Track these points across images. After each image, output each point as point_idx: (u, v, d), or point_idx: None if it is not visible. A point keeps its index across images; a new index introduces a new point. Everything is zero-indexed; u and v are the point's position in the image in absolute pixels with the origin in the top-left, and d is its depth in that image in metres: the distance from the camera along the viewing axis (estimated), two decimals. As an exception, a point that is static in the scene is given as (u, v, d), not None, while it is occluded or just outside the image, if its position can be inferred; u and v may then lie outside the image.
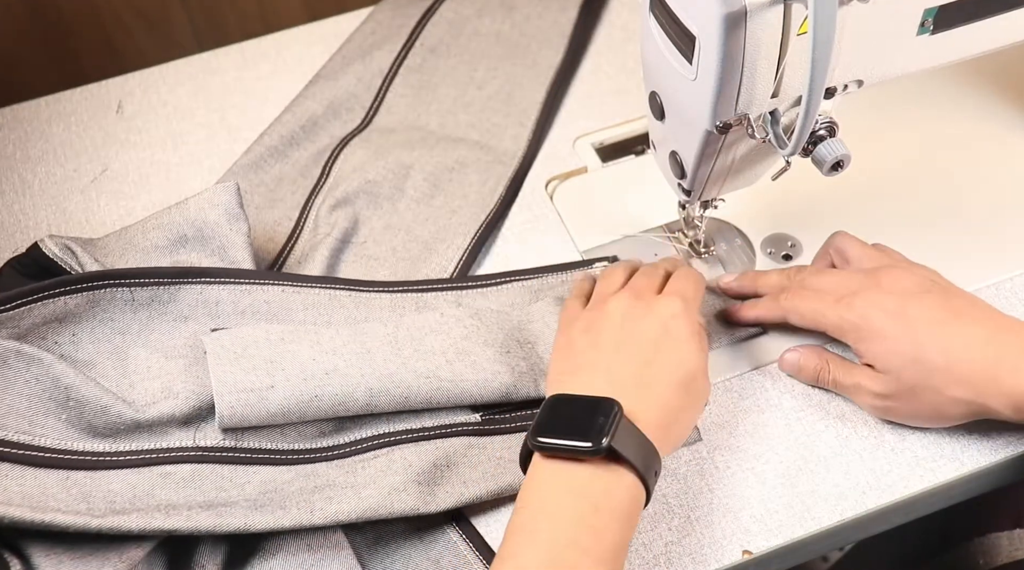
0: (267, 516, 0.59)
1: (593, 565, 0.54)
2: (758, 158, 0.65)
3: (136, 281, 0.67)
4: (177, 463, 0.62)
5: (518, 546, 0.55)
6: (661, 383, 0.60)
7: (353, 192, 0.78)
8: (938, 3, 0.56)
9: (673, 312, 0.62)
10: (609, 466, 0.56)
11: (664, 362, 0.60)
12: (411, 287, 0.73)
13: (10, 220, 0.81)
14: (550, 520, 0.55)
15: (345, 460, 0.64)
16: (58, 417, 0.62)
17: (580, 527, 0.54)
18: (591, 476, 0.56)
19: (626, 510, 0.56)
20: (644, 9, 0.59)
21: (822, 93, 0.51)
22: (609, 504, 0.55)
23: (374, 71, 0.88)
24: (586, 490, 0.55)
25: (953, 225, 0.76)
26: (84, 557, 0.57)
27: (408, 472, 0.63)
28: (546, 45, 0.90)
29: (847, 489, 0.64)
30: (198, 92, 0.89)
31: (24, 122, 0.88)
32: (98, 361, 0.65)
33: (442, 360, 0.65)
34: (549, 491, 0.56)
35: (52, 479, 0.60)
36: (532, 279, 0.74)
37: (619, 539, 0.55)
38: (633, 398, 0.58)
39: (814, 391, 0.68)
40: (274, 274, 0.71)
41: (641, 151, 0.84)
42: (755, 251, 0.76)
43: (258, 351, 0.63)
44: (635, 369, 0.60)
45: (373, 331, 0.66)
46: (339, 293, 0.71)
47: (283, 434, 0.64)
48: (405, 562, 0.63)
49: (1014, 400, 0.60)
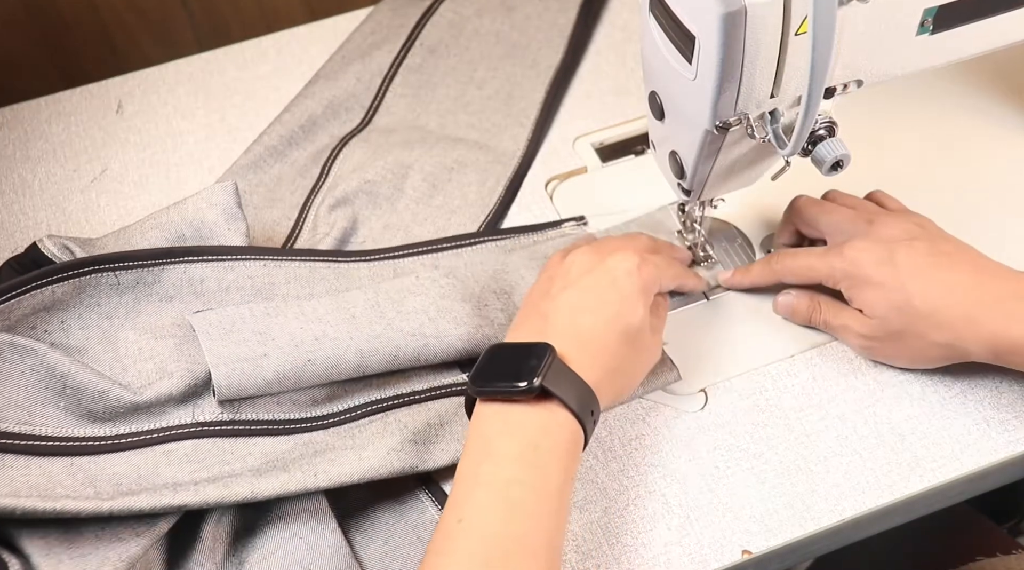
0: (272, 481, 0.60)
1: (538, 500, 0.55)
2: (758, 158, 0.65)
3: (120, 265, 0.67)
4: (178, 440, 0.63)
5: (465, 491, 0.56)
6: (599, 332, 0.61)
7: (352, 192, 0.78)
8: (938, 3, 0.56)
9: (627, 268, 0.63)
10: (545, 405, 0.58)
11: (605, 313, 0.62)
12: (388, 254, 0.75)
13: (10, 220, 0.81)
14: (492, 461, 0.56)
15: (341, 427, 0.66)
16: (56, 405, 0.62)
17: (521, 465, 0.56)
18: (528, 415, 0.58)
19: (565, 448, 0.57)
20: (644, 9, 0.59)
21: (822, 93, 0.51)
22: (547, 442, 0.57)
23: (373, 71, 0.88)
24: (523, 429, 0.57)
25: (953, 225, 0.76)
26: (83, 556, 0.57)
27: (404, 433, 0.64)
28: (546, 45, 0.90)
29: (847, 489, 0.64)
30: (198, 92, 0.89)
31: (24, 122, 0.88)
32: (89, 347, 0.66)
33: (424, 318, 0.67)
34: (490, 434, 0.58)
35: (57, 467, 0.60)
36: (505, 239, 0.77)
37: (561, 476, 0.57)
38: (571, 345, 0.60)
39: (814, 391, 0.68)
40: (255, 249, 0.71)
41: (641, 151, 0.84)
42: (755, 251, 0.76)
43: (245, 325, 0.65)
44: (575, 317, 0.61)
45: (354, 298, 0.68)
46: (318, 265, 0.72)
47: (279, 404, 0.65)
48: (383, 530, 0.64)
49: (992, 344, 0.62)
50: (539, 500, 0.55)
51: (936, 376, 0.68)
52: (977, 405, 0.67)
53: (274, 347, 0.64)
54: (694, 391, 0.69)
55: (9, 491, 0.57)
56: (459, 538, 0.54)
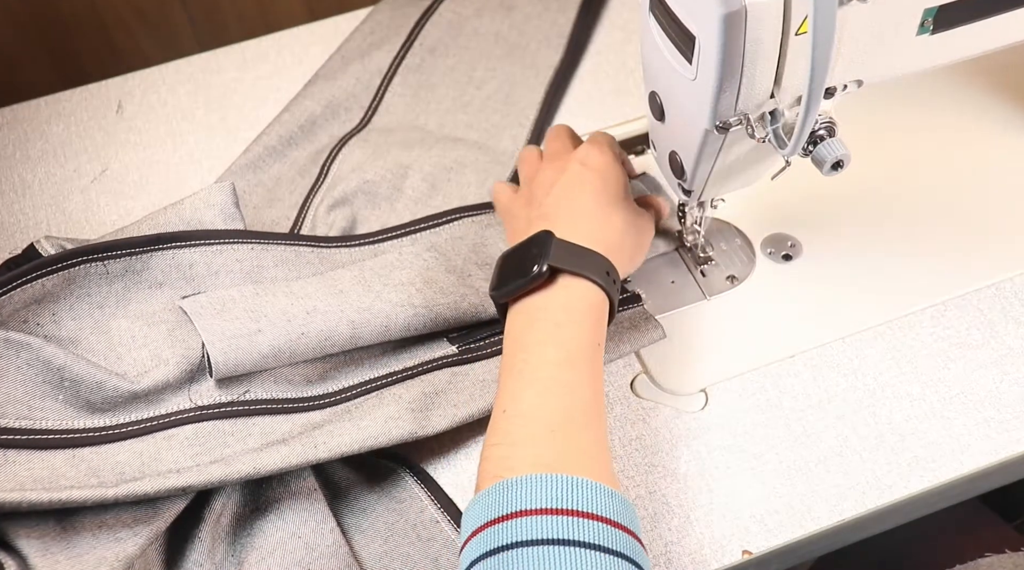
0: (274, 455, 0.61)
1: (570, 374, 0.58)
2: (758, 158, 0.65)
3: (108, 254, 0.68)
4: (178, 426, 0.63)
5: (505, 385, 0.59)
6: (592, 205, 0.66)
7: (351, 192, 0.78)
8: (938, 3, 0.56)
9: (592, 151, 0.69)
10: (562, 284, 0.62)
11: (591, 188, 0.67)
12: (368, 239, 0.76)
13: (10, 220, 0.81)
14: (524, 351, 0.60)
15: (337, 407, 0.66)
16: (55, 398, 0.62)
17: (548, 346, 0.59)
18: (548, 299, 0.61)
19: (588, 317, 0.61)
20: (644, 9, 0.59)
21: (822, 93, 0.51)
22: (569, 317, 0.61)
23: (373, 71, 0.88)
24: (546, 312, 0.61)
25: (953, 225, 0.76)
26: (80, 556, 0.57)
27: (400, 403, 0.65)
28: (545, 45, 0.90)
29: (847, 489, 0.64)
30: (198, 92, 0.89)
31: (24, 122, 0.88)
32: (82, 337, 0.66)
33: (412, 289, 0.68)
34: (519, 328, 0.62)
35: (59, 459, 0.60)
36: (481, 214, 0.78)
37: (587, 341, 0.60)
38: (572, 225, 0.64)
39: (814, 391, 0.68)
40: (241, 232, 0.72)
41: (641, 151, 0.84)
42: (755, 251, 0.76)
43: (236, 305, 0.65)
44: (568, 203, 0.66)
45: (340, 276, 0.69)
46: (303, 249, 0.73)
47: (276, 383, 0.66)
48: (383, 530, 0.64)
49: None
50: (570, 374, 0.58)
51: (936, 376, 0.68)
52: (977, 405, 0.67)
53: (267, 323, 0.64)
54: (694, 391, 0.69)
55: (14, 485, 0.57)
56: (502, 424, 0.57)
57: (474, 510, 0.53)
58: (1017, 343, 0.69)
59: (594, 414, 0.58)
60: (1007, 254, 0.74)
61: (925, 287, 0.72)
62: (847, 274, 0.74)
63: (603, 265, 0.63)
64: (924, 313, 0.71)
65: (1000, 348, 0.69)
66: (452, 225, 0.77)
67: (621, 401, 0.69)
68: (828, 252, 0.75)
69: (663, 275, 0.75)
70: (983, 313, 0.71)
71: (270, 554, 0.61)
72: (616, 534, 0.51)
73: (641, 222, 0.70)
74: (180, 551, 0.61)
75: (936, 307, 0.72)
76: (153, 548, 0.61)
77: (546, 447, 0.55)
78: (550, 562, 0.49)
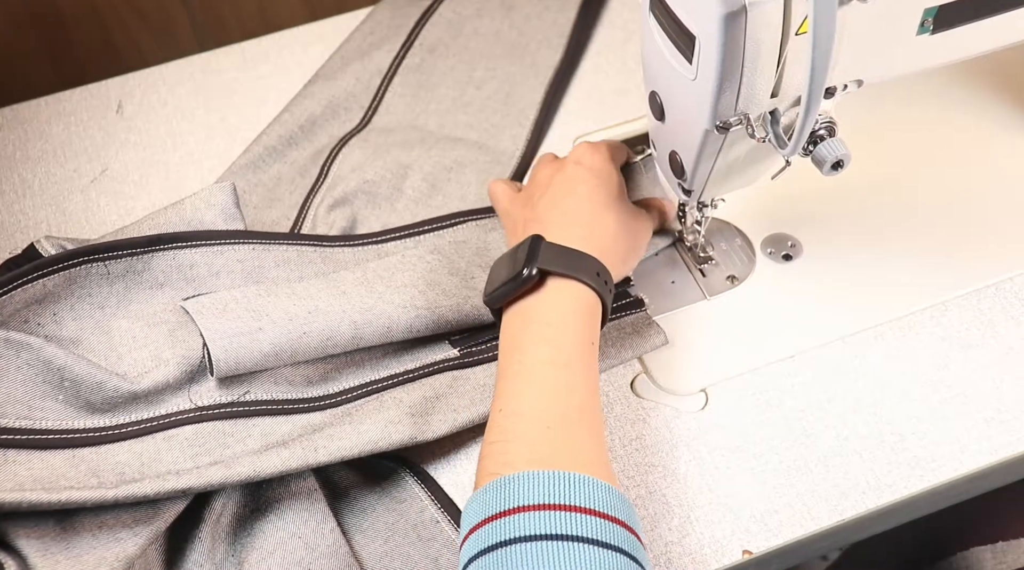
0: (273, 458, 0.61)
1: (563, 373, 0.59)
2: (758, 158, 0.65)
3: (109, 254, 0.68)
4: (178, 426, 0.63)
5: (502, 385, 0.60)
6: (585, 207, 0.67)
7: (351, 192, 0.78)
8: (938, 3, 0.56)
9: (586, 152, 0.70)
10: (550, 285, 0.62)
11: (584, 189, 0.67)
12: (372, 239, 0.76)
13: (10, 220, 0.81)
14: (518, 351, 0.61)
15: (338, 409, 0.66)
16: (55, 398, 0.62)
17: (540, 346, 0.60)
18: (539, 301, 0.62)
19: (579, 315, 0.62)
20: (644, 9, 0.59)
21: (822, 93, 0.51)
22: (561, 317, 0.61)
23: (373, 71, 0.88)
24: (537, 314, 0.62)
25: (953, 225, 0.76)
26: (80, 556, 0.57)
27: (401, 407, 0.65)
28: (545, 45, 0.90)
29: (847, 489, 0.64)
30: (198, 92, 0.89)
31: (24, 122, 0.88)
32: (83, 338, 0.66)
33: (415, 291, 0.68)
34: (513, 330, 0.63)
35: (59, 459, 0.60)
36: (485, 218, 0.78)
37: (580, 340, 0.61)
38: (563, 228, 0.65)
39: (814, 391, 0.68)
40: (242, 232, 0.72)
41: (641, 151, 0.84)
42: (755, 251, 0.76)
43: (238, 305, 0.65)
44: (559, 205, 0.67)
45: (343, 277, 0.69)
46: (306, 249, 0.73)
47: (276, 383, 0.66)
48: (383, 530, 0.64)
49: None
50: (564, 372, 0.59)
51: (936, 376, 0.68)
52: (977, 405, 0.67)
53: (268, 322, 0.64)
54: (694, 391, 0.69)
55: (14, 485, 0.57)
56: (500, 423, 0.58)
57: (471, 508, 0.54)
58: (1017, 343, 0.69)
59: (590, 411, 0.59)
60: (1007, 254, 0.74)
61: (925, 287, 0.72)
62: (847, 274, 0.74)
63: (593, 266, 0.63)
64: (924, 313, 0.71)
65: (1000, 348, 0.69)
66: (455, 229, 0.77)
67: (621, 401, 0.69)
68: (828, 252, 0.75)
69: (663, 275, 0.75)
70: (983, 313, 0.71)
71: (270, 554, 0.61)
72: (611, 528, 0.52)
73: (636, 223, 0.70)
74: (180, 551, 0.61)
75: (936, 307, 0.72)
76: (153, 548, 0.61)
77: (541, 444, 0.56)
78: (545, 557, 0.50)
